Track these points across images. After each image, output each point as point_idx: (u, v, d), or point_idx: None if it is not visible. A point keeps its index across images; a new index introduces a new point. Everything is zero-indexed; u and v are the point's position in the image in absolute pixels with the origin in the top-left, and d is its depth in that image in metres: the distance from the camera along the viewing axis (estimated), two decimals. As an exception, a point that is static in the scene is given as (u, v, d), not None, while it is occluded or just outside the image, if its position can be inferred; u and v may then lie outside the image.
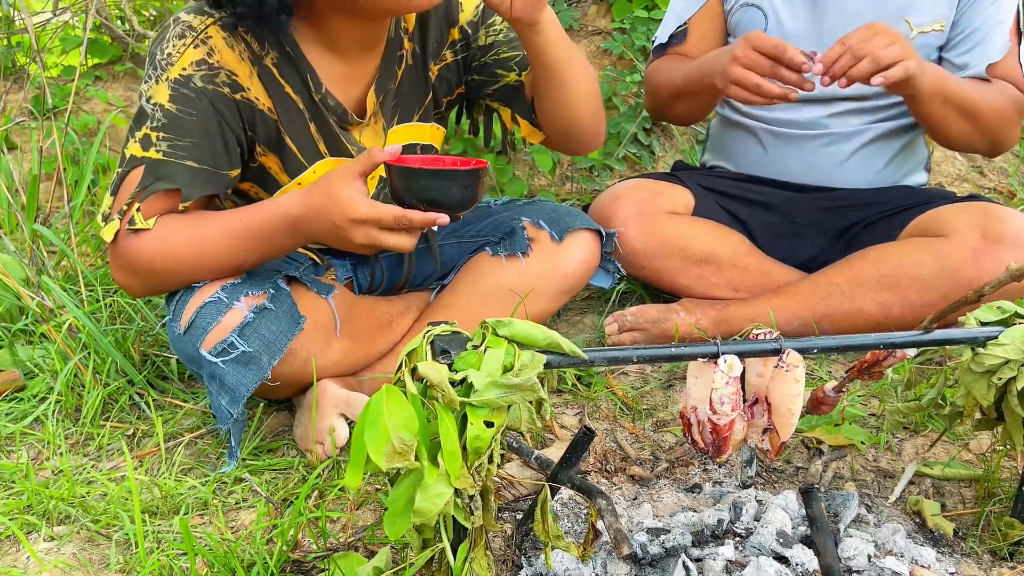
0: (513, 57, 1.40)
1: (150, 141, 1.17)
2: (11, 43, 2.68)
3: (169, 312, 1.24)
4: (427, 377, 0.82)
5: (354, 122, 1.31)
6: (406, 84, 1.36)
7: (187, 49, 1.17)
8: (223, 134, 1.20)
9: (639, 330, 1.56)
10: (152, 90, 1.18)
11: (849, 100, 1.60)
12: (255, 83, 1.22)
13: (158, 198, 1.17)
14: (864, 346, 0.98)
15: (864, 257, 1.49)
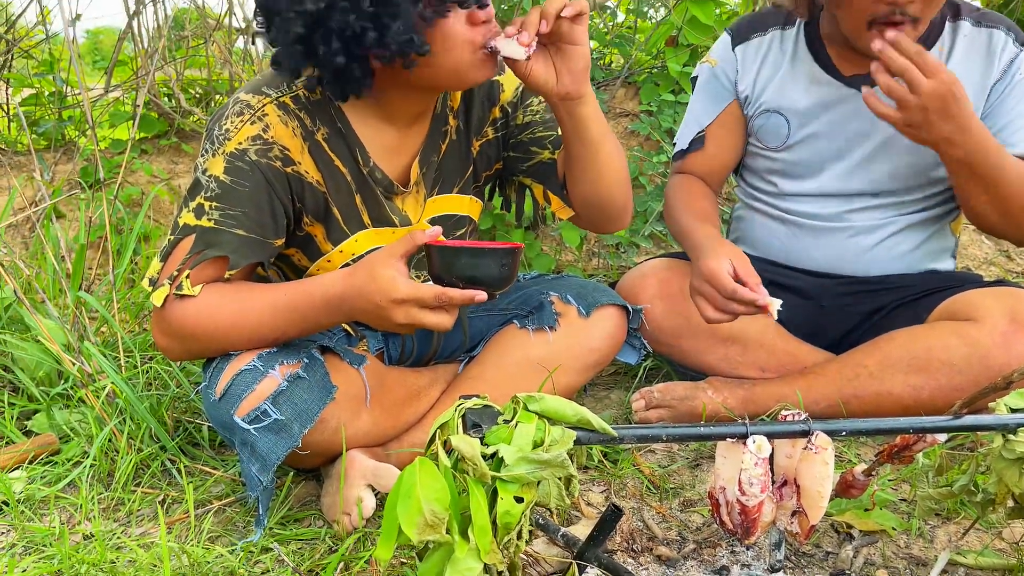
0: (548, 136, 1.46)
1: (203, 210, 1.22)
2: (62, 117, 2.81)
3: (205, 379, 1.27)
4: (459, 450, 0.84)
5: (398, 191, 1.36)
6: (449, 157, 1.42)
7: (244, 125, 1.23)
8: (272, 205, 1.25)
9: (666, 407, 1.56)
10: (208, 163, 1.24)
11: (869, 196, 1.60)
12: (306, 157, 1.28)
13: (207, 265, 1.22)
14: (893, 430, 0.98)
15: (892, 340, 1.49)
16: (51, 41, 2.95)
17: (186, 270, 1.21)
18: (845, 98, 1.57)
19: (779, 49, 1.64)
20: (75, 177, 2.56)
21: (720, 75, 1.68)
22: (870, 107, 1.36)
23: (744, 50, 1.66)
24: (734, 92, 1.67)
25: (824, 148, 1.60)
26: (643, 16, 3.13)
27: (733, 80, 1.67)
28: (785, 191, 1.66)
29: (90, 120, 1.84)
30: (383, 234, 1.37)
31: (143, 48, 2.78)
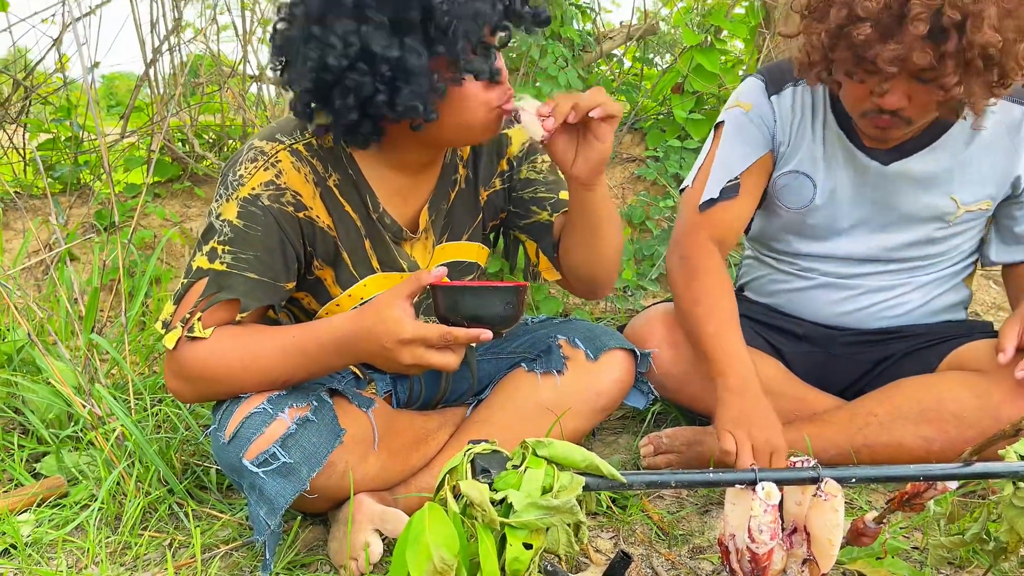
0: (549, 198, 1.48)
1: (216, 254, 1.24)
2: (78, 162, 2.86)
3: (215, 421, 1.27)
4: (468, 496, 0.84)
5: (407, 237, 1.38)
6: (458, 205, 1.44)
7: (257, 171, 1.26)
8: (283, 249, 1.27)
9: (674, 452, 1.55)
10: (222, 208, 1.26)
11: (884, 261, 1.60)
12: (317, 203, 1.30)
13: (218, 308, 1.23)
14: (903, 477, 0.97)
15: (902, 389, 1.48)
16: (68, 87, 3.02)
17: (198, 312, 1.22)
18: (866, 170, 1.54)
19: (810, 106, 1.57)
20: (89, 220, 2.60)
21: (757, 121, 1.58)
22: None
23: (779, 101, 1.57)
24: (771, 142, 1.58)
25: (845, 214, 1.58)
26: (649, 64, 3.18)
27: (772, 130, 1.58)
28: (799, 250, 1.65)
29: (106, 165, 1.87)
30: (392, 278, 1.38)
31: (159, 94, 2.84)
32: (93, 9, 2.66)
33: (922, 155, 1.51)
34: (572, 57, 2.68)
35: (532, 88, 2.49)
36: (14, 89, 2.83)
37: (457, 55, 1.14)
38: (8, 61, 3.03)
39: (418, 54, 1.12)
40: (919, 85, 1.30)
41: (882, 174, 1.53)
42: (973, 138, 1.50)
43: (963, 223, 1.55)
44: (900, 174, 1.52)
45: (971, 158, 1.50)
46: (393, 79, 1.14)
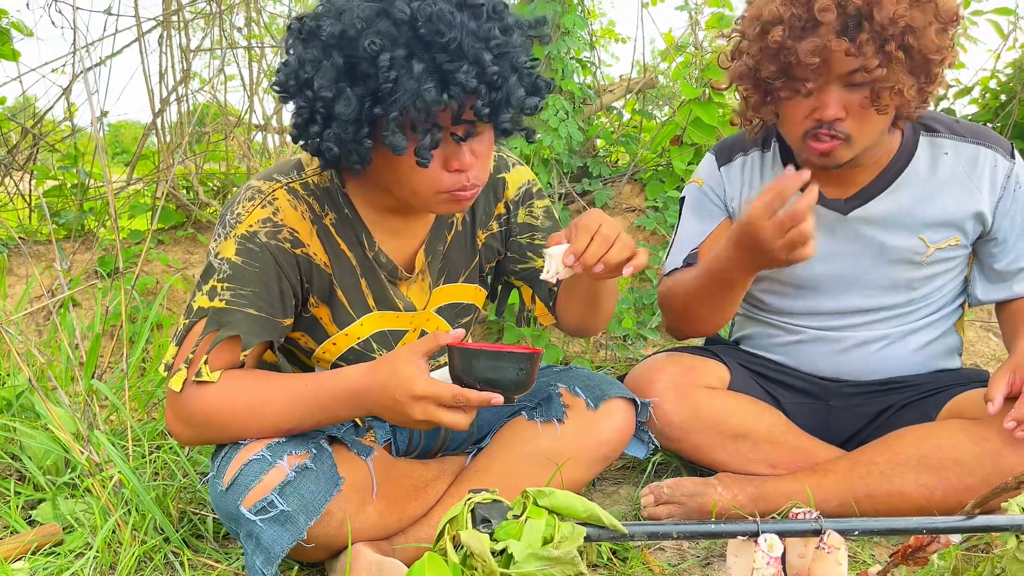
0: (544, 245, 1.49)
1: (216, 292, 1.25)
2: (83, 208, 2.89)
3: (213, 469, 1.27)
4: (469, 546, 0.83)
5: (403, 277, 1.39)
6: (455, 248, 1.45)
7: (255, 209, 1.27)
8: (280, 285, 1.28)
9: (675, 503, 1.54)
10: (221, 246, 1.27)
11: (866, 311, 1.60)
12: (314, 240, 1.31)
13: (221, 347, 1.23)
14: (906, 530, 0.97)
15: (902, 437, 1.48)
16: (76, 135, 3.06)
17: (204, 356, 1.22)
18: (827, 222, 1.56)
19: (759, 171, 1.64)
20: (92, 266, 2.62)
21: (709, 193, 1.67)
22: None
23: (728, 170, 1.66)
24: (725, 209, 1.66)
25: (817, 270, 1.60)
26: (648, 116, 3.24)
27: (722, 198, 1.66)
28: (782, 308, 1.67)
29: (113, 212, 1.89)
30: (387, 317, 1.39)
31: (166, 143, 2.88)
32: (103, 60, 2.72)
33: (881, 198, 1.54)
34: (573, 109, 2.73)
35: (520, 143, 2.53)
36: (22, 136, 2.87)
37: (387, 124, 1.13)
38: (16, 109, 3.08)
39: (347, 103, 1.12)
40: (850, 92, 1.36)
41: (844, 223, 1.56)
42: (932, 177, 1.53)
43: (937, 263, 1.56)
44: (862, 219, 1.55)
45: (932, 196, 1.53)
46: (325, 116, 1.16)
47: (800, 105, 1.41)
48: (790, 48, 1.35)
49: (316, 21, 1.14)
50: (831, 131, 1.40)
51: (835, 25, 1.31)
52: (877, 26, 1.30)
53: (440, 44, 1.09)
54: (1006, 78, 3.26)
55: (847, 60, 1.33)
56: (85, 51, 2.62)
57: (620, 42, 3.48)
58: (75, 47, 2.62)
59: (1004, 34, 3.20)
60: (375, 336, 1.39)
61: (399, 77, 1.09)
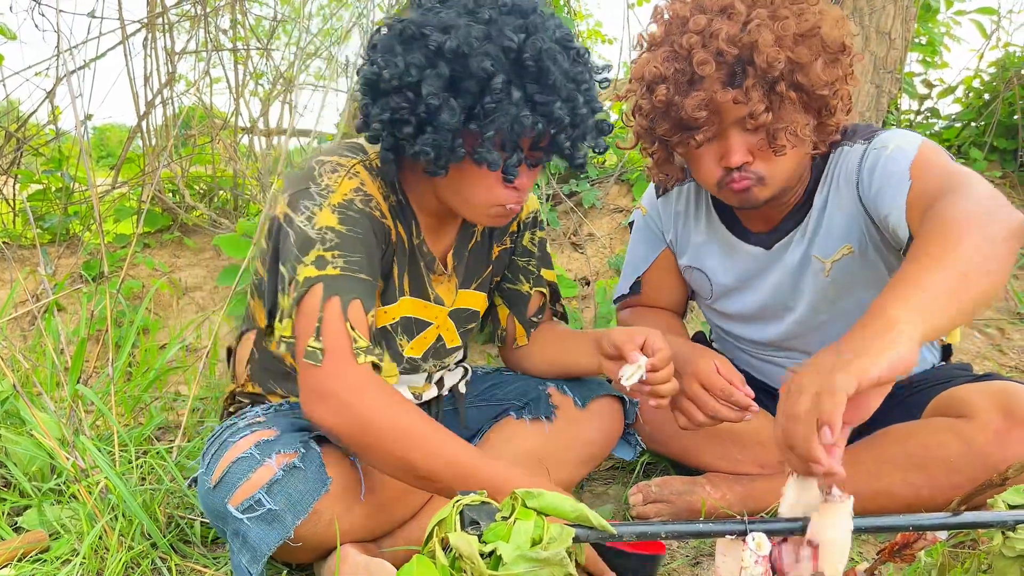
0: (533, 272, 1.57)
1: (325, 260, 1.22)
2: (68, 212, 2.87)
3: (202, 466, 1.26)
4: (457, 548, 0.83)
5: (438, 271, 1.43)
6: (474, 256, 1.50)
7: (343, 179, 1.29)
8: (378, 252, 1.31)
9: (664, 502, 1.55)
10: (318, 217, 1.24)
11: (814, 329, 1.58)
12: (388, 214, 1.34)
13: (353, 311, 1.21)
14: (892, 527, 0.97)
15: (888, 436, 1.48)
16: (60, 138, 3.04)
17: (342, 320, 1.18)
18: (755, 256, 1.57)
19: (693, 206, 1.65)
20: (77, 271, 2.60)
21: (650, 223, 1.71)
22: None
23: (665, 202, 1.68)
24: (664, 240, 1.70)
25: (753, 300, 1.61)
26: (635, 117, 3.24)
27: (660, 228, 1.70)
28: (733, 332, 1.69)
29: (98, 216, 1.88)
30: (418, 305, 1.42)
31: (151, 146, 2.87)
32: (87, 63, 2.70)
33: (797, 229, 1.52)
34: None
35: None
36: (6, 140, 2.85)
37: (482, 138, 1.19)
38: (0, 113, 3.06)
39: (452, 114, 1.17)
40: (750, 136, 1.35)
41: (769, 255, 1.56)
42: (826, 200, 1.49)
43: (844, 275, 1.50)
44: (782, 250, 1.55)
45: (828, 216, 1.49)
46: (424, 121, 1.19)
47: (706, 155, 1.40)
48: (678, 104, 1.34)
49: (419, 28, 1.18)
50: (744, 174, 1.38)
51: (719, 76, 1.30)
52: (759, 71, 1.28)
53: (539, 77, 1.17)
54: (989, 77, 3.29)
55: (736, 108, 1.32)
56: (69, 54, 2.60)
57: (607, 43, 3.49)
58: (59, 50, 2.61)
59: (987, 34, 3.23)
60: (403, 320, 1.41)
61: (502, 100, 1.16)
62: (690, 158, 1.44)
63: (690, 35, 1.31)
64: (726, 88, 1.31)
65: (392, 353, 1.41)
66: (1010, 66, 3.16)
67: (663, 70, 1.34)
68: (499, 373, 1.65)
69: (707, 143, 1.38)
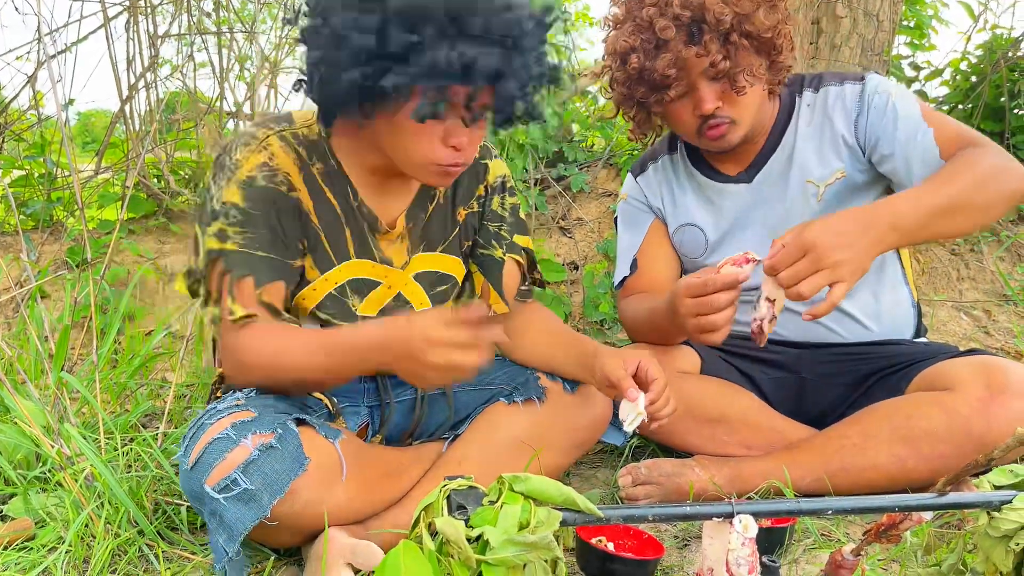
0: (506, 238, 1.55)
1: (226, 235, 1.29)
2: (51, 198, 2.84)
3: (181, 449, 1.27)
4: (444, 533, 0.83)
5: (383, 230, 1.42)
6: (435, 219, 1.49)
7: (251, 154, 1.31)
8: (283, 227, 1.33)
9: (653, 484, 1.55)
10: (224, 192, 1.31)
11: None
12: (302, 186, 1.35)
13: (241, 289, 1.29)
14: (878, 508, 0.98)
15: (873, 412, 1.50)
16: (42, 124, 3.00)
17: (226, 295, 1.29)
18: (739, 193, 1.70)
19: (672, 171, 1.79)
20: (61, 257, 2.58)
21: (633, 203, 1.82)
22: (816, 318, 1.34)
23: (644, 178, 1.82)
24: (651, 211, 1.80)
25: (741, 243, 1.66)
26: (623, 100, 3.22)
27: (646, 203, 1.80)
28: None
29: (80, 202, 1.86)
30: (364, 265, 1.42)
31: (135, 131, 2.83)
32: (68, 47, 2.67)
33: (774, 158, 1.68)
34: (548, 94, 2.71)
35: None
36: (-13, 126, 2.81)
37: (420, 85, 1.15)
38: (-19, 98, 3.02)
39: (396, 42, 1.13)
40: (716, 84, 1.54)
41: (751, 190, 1.69)
42: (805, 128, 1.66)
43: (836, 203, 1.63)
44: (764, 183, 1.68)
45: (807, 144, 1.66)
46: (358, 52, 1.15)
47: (681, 109, 1.58)
48: (650, 68, 1.53)
49: None
50: (717, 120, 1.56)
51: (681, 36, 1.49)
52: (713, 26, 1.48)
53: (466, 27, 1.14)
54: (977, 59, 3.29)
55: (700, 61, 1.51)
56: (50, 38, 2.56)
57: (595, 26, 3.48)
58: (39, 34, 2.56)
59: (975, 16, 3.23)
60: (350, 282, 1.41)
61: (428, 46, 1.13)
62: (668, 116, 1.63)
63: (648, 8, 1.51)
64: (688, 46, 1.50)
65: (343, 313, 1.41)
66: (997, 48, 3.16)
67: (632, 42, 1.53)
68: None
69: (680, 99, 1.57)
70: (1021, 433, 0.96)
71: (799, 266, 1.28)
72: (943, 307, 2.62)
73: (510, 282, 1.58)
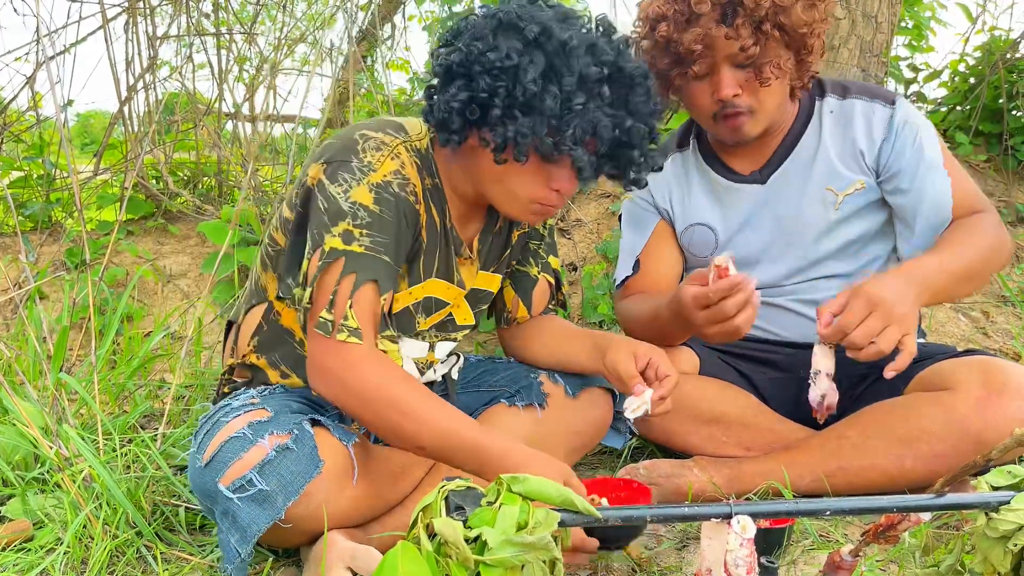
0: (542, 257, 1.58)
1: (352, 236, 1.24)
2: (50, 199, 2.84)
3: (194, 445, 1.26)
4: (442, 534, 0.83)
5: (464, 254, 1.43)
6: (496, 241, 1.51)
7: (385, 159, 1.29)
8: (405, 238, 1.31)
9: (652, 485, 1.55)
10: (354, 192, 1.25)
11: (806, 270, 1.67)
12: (423, 199, 1.34)
13: (363, 296, 1.23)
14: (877, 509, 0.98)
15: (872, 412, 1.50)
16: (41, 125, 3.00)
17: (346, 298, 1.22)
18: (752, 193, 1.69)
19: (681, 168, 1.76)
20: (60, 258, 2.57)
21: (639, 203, 1.78)
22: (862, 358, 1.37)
23: (652, 176, 1.73)
24: (657, 212, 1.77)
25: (757, 239, 1.68)
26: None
27: (652, 203, 1.77)
28: None
29: (78, 203, 1.86)
30: (441, 286, 1.42)
31: (133, 132, 2.83)
32: (67, 48, 2.67)
33: (790, 160, 1.66)
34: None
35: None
36: (-15, 127, 2.81)
37: (558, 131, 1.19)
38: (-20, 99, 3.02)
39: (555, 100, 1.18)
40: (739, 72, 1.52)
41: (766, 191, 1.67)
42: (825, 134, 1.65)
43: (852, 213, 1.63)
44: (780, 184, 1.66)
45: (828, 151, 1.63)
46: (518, 105, 1.20)
47: (700, 90, 1.56)
48: (676, 40, 1.51)
49: (516, 19, 1.21)
50: (735, 108, 1.54)
51: (713, 14, 1.47)
52: (749, 10, 1.46)
53: (625, 94, 1.22)
54: (975, 61, 3.29)
55: (728, 43, 1.48)
56: (48, 39, 2.56)
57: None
58: (38, 35, 2.56)
59: (972, 17, 3.23)
60: (426, 300, 1.41)
61: (590, 101, 1.19)
62: (686, 95, 1.61)
63: None
64: (719, 25, 1.47)
65: (406, 327, 1.41)
66: (995, 50, 3.16)
67: (664, 10, 1.51)
68: (490, 360, 1.64)
69: (700, 79, 1.55)
70: (1020, 434, 0.96)
71: (870, 324, 1.32)
72: (941, 308, 2.62)
73: (540, 300, 1.60)
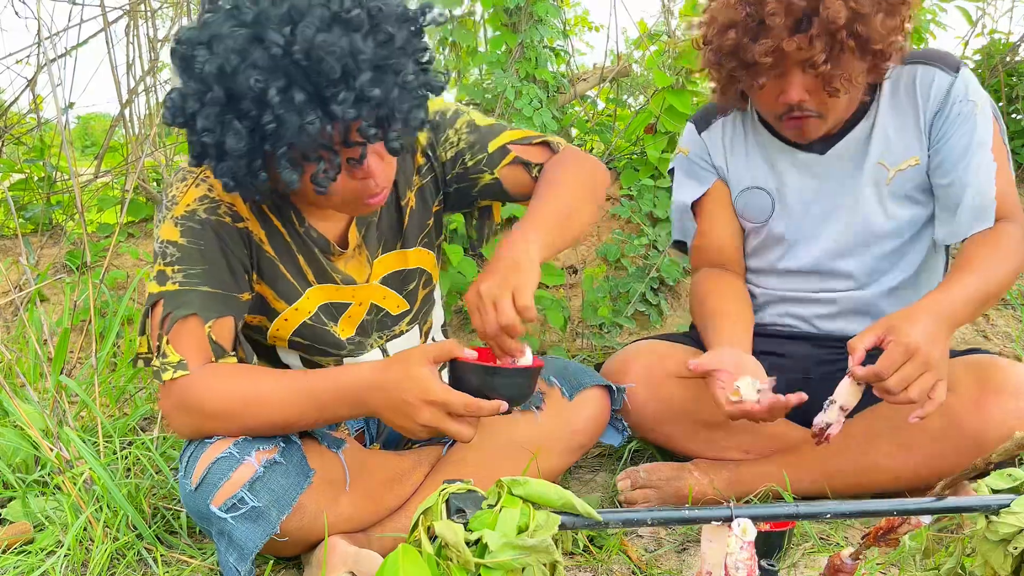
0: (480, 160, 1.44)
1: (165, 276, 1.24)
2: (50, 202, 2.84)
3: (181, 468, 1.25)
4: (443, 537, 0.83)
5: (337, 252, 1.38)
6: (385, 219, 1.43)
7: (189, 189, 1.27)
8: (228, 259, 1.27)
9: (652, 487, 1.55)
10: (162, 230, 1.26)
11: (863, 246, 1.62)
12: (250, 215, 1.30)
13: (186, 329, 1.21)
14: (877, 512, 0.98)
15: (875, 412, 1.50)
16: (42, 127, 3.01)
17: (164, 336, 1.21)
18: (809, 163, 1.61)
19: (741, 130, 1.68)
20: (60, 261, 2.57)
21: (696, 160, 1.71)
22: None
23: (709, 134, 1.70)
24: (715, 172, 1.70)
25: (806, 212, 1.62)
26: (623, 105, 3.24)
27: (709, 162, 1.70)
28: (779, 268, 1.67)
29: (79, 205, 1.86)
30: (328, 290, 1.38)
31: (134, 135, 2.83)
32: (68, 51, 2.67)
33: (851, 135, 1.59)
34: (547, 98, 2.72)
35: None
36: (-14, 129, 2.82)
37: (277, 161, 1.10)
38: (-19, 102, 3.02)
39: (238, 138, 1.08)
40: (809, 77, 1.44)
41: (823, 164, 1.61)
42: (884, 104, 1.58)
43: (903, 193, 1.57)
44: (837, 156, 1.60)
45: (886, 121, 1.57)
46: (217, 151, 1.12)
47: (766, 91, 1.49)
48: (746, 47, 1.44)
49: (191, 49, 1.09)
50: (802, 112, 1.48)
51: (786, 24, 1.39)
52: (824, 22, 1.37)
53: (317, 71, 1.05)
54: (975, 65, 3.29)
55: (800, 52, 1.41)
56: (50, 42, 2.56)
57: (594, 31, 3.47)
58: (39, 38, 2.57)
59: (972, 21, 3.23)
60: (322, 308, 1.39)
61: (283, 112, 1.05)
62: (752, 91, 1.54)
63: None
64: (792, 36, 1.39)
65: (321, 338, 1.39)
66: (995, 53, 3.16)
67: (735, 15, 1.44)
68: None
69: (762, 87, 1.49)
70: (1020, 437, 0.97)
71: (907, 371, 1.28)
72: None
73: (518, 186, 1.45)
